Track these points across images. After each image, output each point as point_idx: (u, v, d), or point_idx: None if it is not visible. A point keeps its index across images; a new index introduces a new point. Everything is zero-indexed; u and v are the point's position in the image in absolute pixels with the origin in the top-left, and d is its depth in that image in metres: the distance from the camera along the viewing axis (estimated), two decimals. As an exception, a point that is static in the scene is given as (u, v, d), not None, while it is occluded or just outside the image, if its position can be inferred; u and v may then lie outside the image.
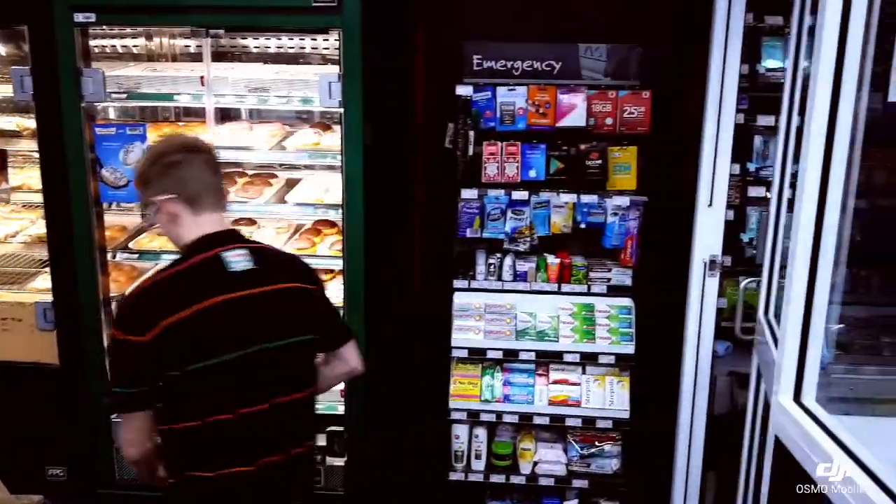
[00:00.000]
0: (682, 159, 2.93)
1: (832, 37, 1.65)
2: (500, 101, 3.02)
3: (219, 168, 1.85)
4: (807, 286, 1.77)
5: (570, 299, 3.10)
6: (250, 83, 2.66)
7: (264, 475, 1.74)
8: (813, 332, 1.78)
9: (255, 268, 1.73)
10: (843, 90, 1.67)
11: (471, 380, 3.14)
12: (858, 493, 1.39)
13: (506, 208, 3.08)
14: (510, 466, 3.16)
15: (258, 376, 1.72)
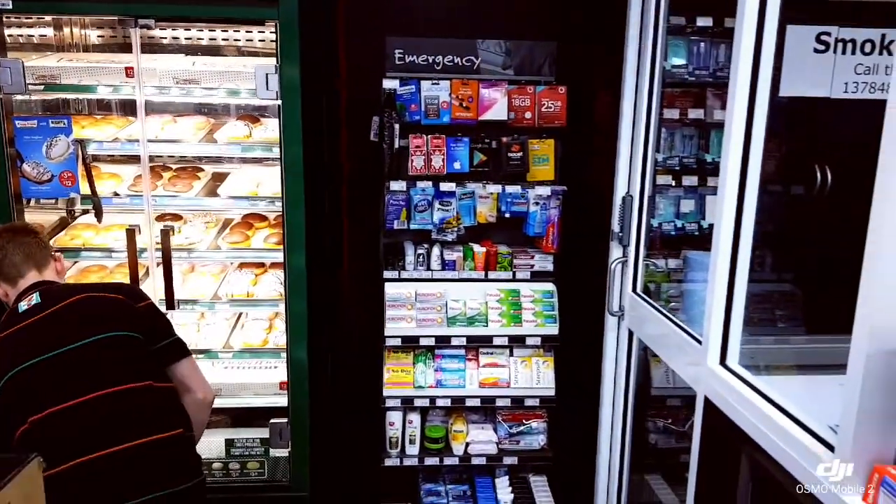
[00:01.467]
0: (596, 151, 3.12)
1: (749, 40, 1.86)
2: (424, 95, 3.09)
3: (25, 236, 2.19)
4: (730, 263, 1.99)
5: (496, 286, 3.24)
6: (180, 75, 2.57)
7: (95, 469, 1.86)
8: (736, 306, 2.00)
9: (39, 300, 2.06)
10: (759, 87, 1.90)
11: (403, 367, 3.21)
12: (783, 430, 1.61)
13: (433, 200, 3.16)
14: (443, 449, 3.26)
15: (81, 371, 1.95)
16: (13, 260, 2.13)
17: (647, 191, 2.80)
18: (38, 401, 1.89)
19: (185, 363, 2.16)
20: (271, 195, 2.71)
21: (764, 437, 1.70)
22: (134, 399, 1.95)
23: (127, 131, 2.78)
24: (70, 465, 1.83)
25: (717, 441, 1.99)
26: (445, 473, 3.41)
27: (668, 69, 2.91)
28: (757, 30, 1.89)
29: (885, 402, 1.33)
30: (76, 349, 1.95)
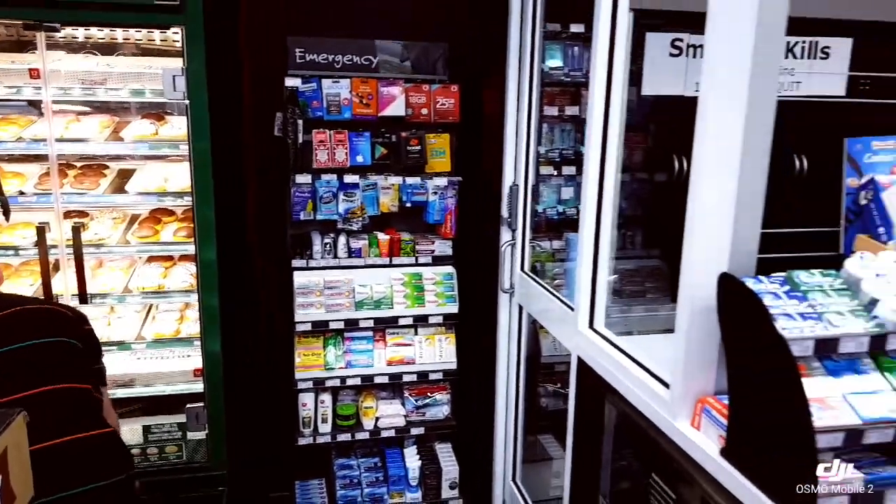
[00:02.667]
0: (486, 144, 3.41)
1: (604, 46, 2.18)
2: (325, 93, 3.29)
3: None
4: (594, 240, 2.32)
5: (400, 270, 3.48)
6: (86, 76, 2.65)
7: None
8: (600, 277, 2.33)
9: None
10: (614, 87, 2.22)
11: (314, 351, 3.41)
12: (635, 376, 1.95)
13: (337, 191, 3.37)
14: (355, 425, 3.48)
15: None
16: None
17: (531, 180, 3.12)
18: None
19: (104, 395, 2.12)
20: (179, 190, 2.83)
21: (621, 383, 2.04)
22: (57, 397, 1.91)
23: (31, 131, 2.82)
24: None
25: (587, 391, 2.32)
26: (357, 448, 3.64)
27: (547, 70, 3.24)
28: (610, 37, 2.20)
29: (701, 349, 1.66)
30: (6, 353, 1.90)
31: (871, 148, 1.77)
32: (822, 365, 1.45)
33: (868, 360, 1.47)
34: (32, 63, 2.60)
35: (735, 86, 1.52)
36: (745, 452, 1.48)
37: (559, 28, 3.23)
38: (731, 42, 1.52)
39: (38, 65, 2.55)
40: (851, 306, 1.48)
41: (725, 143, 1.55)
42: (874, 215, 1.68)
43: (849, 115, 3.22)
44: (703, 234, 1.62)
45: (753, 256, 1.62)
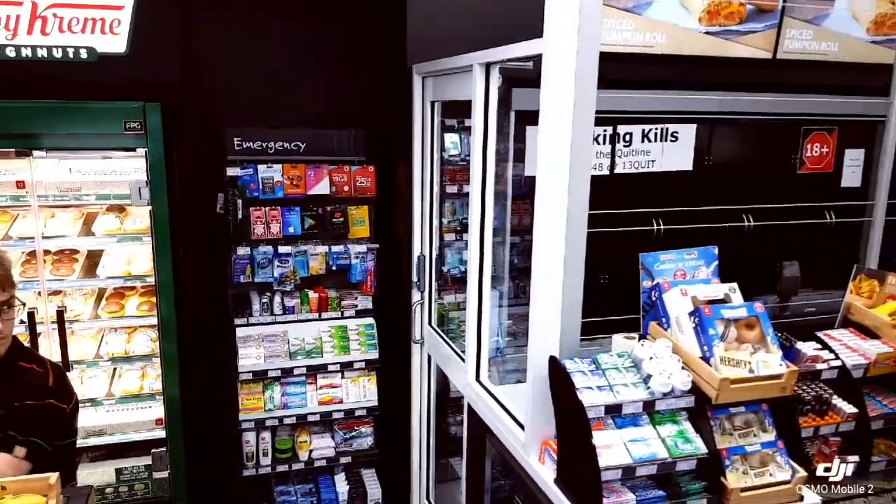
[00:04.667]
0: (399, 215, 4.05)
1: (480, 136, 2.84)
2: (261, 177, 3.86)
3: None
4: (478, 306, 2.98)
5: (328, 323, 4.07)
6: (64, 185, 3.16)
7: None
8: (483, 337, 3.00)
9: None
10: (487, 167, 2.87)
11: (255, 395, 3.96)
12: (504, 423, 2.61)
13: (272, 258, 3.93)
14: (291, 457, 4.05)
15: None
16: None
17: (436, 250, 3.77)
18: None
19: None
20: (142, 273, 3.36)
21: (495, 427, 2.70)
22: None
23: (16, 229, 3.32)
24: None
25: (473, 430, 2.98)
26: (294, 476, 4.19)
27: (447, 157, 3.90)
28: (483, 133, 2.85)
29: (543, 405, 2.33)
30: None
31: (659, 259, 2.49)
32: (613, 421, 2.15)
33: (646, 416, 2.17)
34: (18, 174, 3.10)
35: (558, 218, 2.19)
36: (566, 481, 2.17)
37: (456, 122, 3.90)
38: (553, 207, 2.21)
39: (25, 177, 3.04)
40: (635, 380, 2.19)
41: (553, 270, 2.23)
42: (660, 310, 2.40)
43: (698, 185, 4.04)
44: (540, 327, 2.30)
45: (577, 341, 2.32)
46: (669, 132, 4.09)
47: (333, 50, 4.01)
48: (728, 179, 4.15)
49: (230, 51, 3.85)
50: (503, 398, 2.79)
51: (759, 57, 3.94)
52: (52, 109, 2.96)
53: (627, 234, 3.78)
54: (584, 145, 2.18)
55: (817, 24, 3.98)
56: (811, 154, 4.42)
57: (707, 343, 2.19)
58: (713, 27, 3.83)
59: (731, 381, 2.10)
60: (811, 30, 3.98)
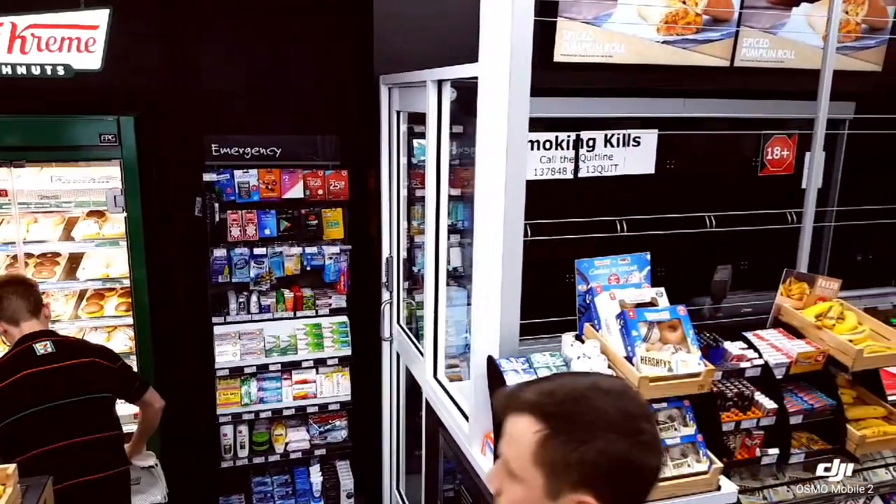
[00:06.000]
0: (370, 217, 4.22)
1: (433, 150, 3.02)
2: (237, 181, 4.03)
3: (25, 288, 2.82)
4: (434, 306, 3.15)
5: (303, 321, 4.25)
6: (44, 192, 3.37)
7: (73, 494, 2.63)
8: (440, 336, 3.17)
9: (53, 349, 2.74)
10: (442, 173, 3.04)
11: (232, 390, 4.14)
12: (453, 417, 2.79)
13: (249, 259, 4.11)
14: (268, 449, 4.23)
15: (59, 422, 2.67)
16: (17, 305, 2.71)
17: (403, 252, 3.94)
18: (34, 439, 2.60)
19: (148, 393, 3.01)
20: (119, 276, 3.56)
21: (447, 421, 2.88)
22: (105, 442, 2.74)
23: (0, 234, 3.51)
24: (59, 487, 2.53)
25: (429, 424, 3.16)
26: (271, 468, 4.38)
27: (416, 162, 4.07)
28: (437, 141, 3.01)
29: (484, 400, 2.51)
30: (76, 403, 2.68)
31: (594, 265, 2.66)
32: (542, 415, 2.32)
33: (573, 410, 2.35)
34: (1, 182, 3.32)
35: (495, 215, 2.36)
36: (499, 472, 2.35)
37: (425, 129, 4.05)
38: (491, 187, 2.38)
39: (7, 186, 3.25)
40: (564, 376, 2.36)
41: (491, 273, 2.40)
42: (593, 312, 2.57)
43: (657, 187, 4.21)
44: (480, 327, 2.47)
45: (515, 341, 2.49)
46: (632, 137, 4.26)
47: (307, 60, 4.18)
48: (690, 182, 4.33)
49: (208, 62, 4.03)
50: (455, 394, 2.97)
51: (717, 65, 4.09)
52: (31, 124, 3.15)
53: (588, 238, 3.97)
54: (518, 157, 2.34)
55: (773, 34, 4.12)
56: (772, 157, 4.58)
57: (630, 344, 2.36)
58: (671, 37, 3.99)
59: (651, 379, 2.27)
60: (768, 38, 4.12)
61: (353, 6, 3.99)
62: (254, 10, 4.02)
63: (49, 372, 2.69)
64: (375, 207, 4.11)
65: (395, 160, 3.84)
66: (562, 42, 3.86)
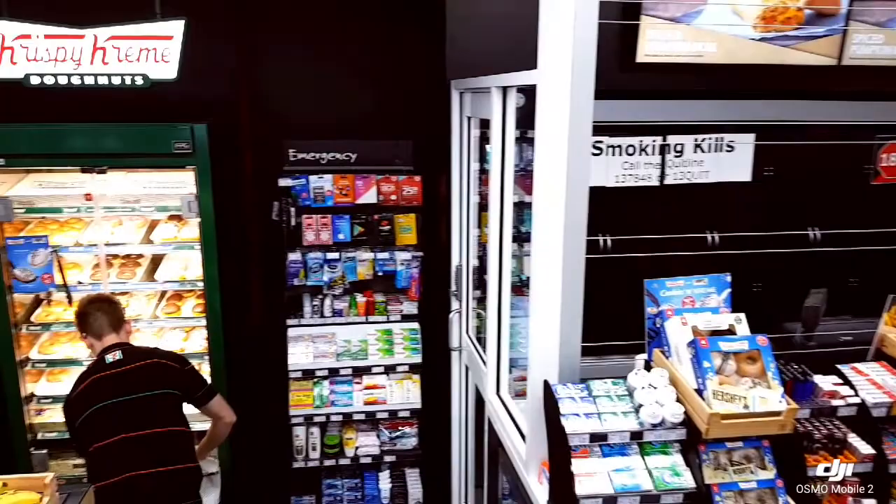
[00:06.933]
0: (443, 224, 4.14)
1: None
2: (312, 186, 4.06)
3: (109, 306, 3.06)
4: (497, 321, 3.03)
5: (375, 326, 4.24)
6: (125, 198, 3.54)
7: (141, 484, 2.74)
8: (503, 355, 3.05)
9: (121, 357, 2.93)
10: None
11: (305, 392, 4.19)
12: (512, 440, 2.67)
13: (323, 263, 4.14)
14: (338, 452, 4.26)
15: (124, 416, 2.81)
16: (100, 321, 2.99)
17: (475, 260, 3.84)
18: (112, 428, 2.77)
19: (214, 401, 3.11)
20: (195, 278, 3.68)
21: (506, 442, 2.76)
22: (166, 437, 2.85)
23: (86, 236, 3.69)
24: (117, 479, 2.71)
25: (493, 441, 3.05)
26: (341, 471, 4.41)
27: (487, 167, 3.95)
28: (501, 150, 2.89)
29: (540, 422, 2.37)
30: (137, 399, 2.83)
31: (665, 286, 2.46)
32: (600, 449, 2.16)
33: (635, 446, 2.17)
34: (84, 187, 3.50)
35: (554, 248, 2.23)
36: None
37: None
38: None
39: (91, 190, 3.43)
40: (626, 409, 2.19)
41: (549, 311, 2.25)
42: (663, 337, 2.37)
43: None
44: (538, 349, 2.34)
45: (576, 365, 2.34)
46: (725, 142, 3.96)
47: (380, 65, 4.15)
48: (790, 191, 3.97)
49: (282, 69, 4.08)
50: (517, 414, 2.84)
51: (822, 64, 3.71)
52: (110, 131, 3.30)
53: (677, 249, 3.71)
54: (580, 168, 2.20)
55: (890, 28, 3.69)
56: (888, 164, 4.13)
57: (702, 375, 2.15)
58: (768, 34, 3.65)
59: (722, 416, 2.06)
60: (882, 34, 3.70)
61: (426, 10, 3.92)
62: (327, 16, 4.03)
63: (115, 374, 2.88)
64: (447, 214, 4.04)
65: (466, 166, 3.74)
66: (645, 42, 3.61)
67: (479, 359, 3.55)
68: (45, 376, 3.87)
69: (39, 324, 3.70)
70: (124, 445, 2.79)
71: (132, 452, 2.79)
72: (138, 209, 3.62)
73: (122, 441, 2.79)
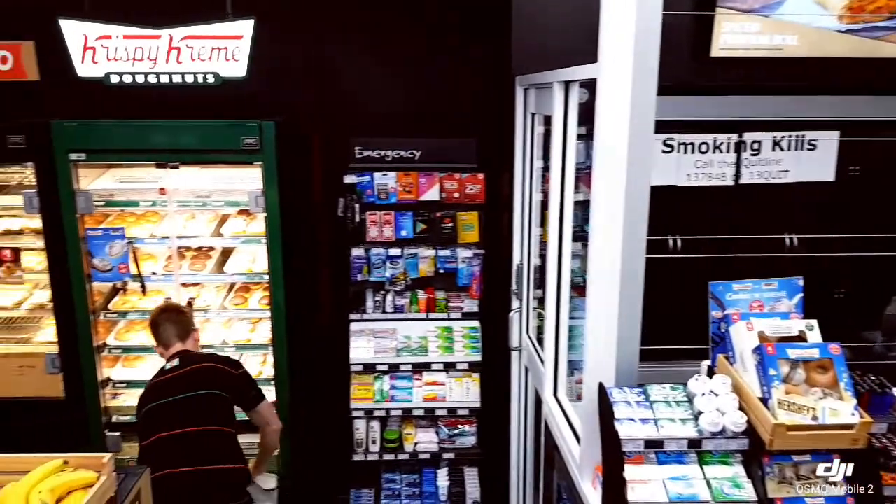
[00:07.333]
0: (505, 222, 4.10)
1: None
2: (376, 183, 4.10)
3: (177, 316, 3.23)
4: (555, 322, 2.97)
5: (435, 323, 4.25)
6: (197, 192, 3.70)
7: (189, 480, 2.84)
8: (560, 357, 2.99)
9: (178, 363, 3.09)
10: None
11: (366, 386, 4.23)
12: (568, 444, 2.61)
13: (385, 259, 4.18)
14: (398, 447, 4.28)
15: (176, 413, 2.94)
16: (168, 332, 3.18)
17: (536, 259, 3.78)
18: (159, 425, 2.92)
19: (263, 405, 3.21)
20: (261, 271, 3.81)
21: (560, 444, 2.71)
22: (211, 436, 2.95)
23: (161, 229, 3.87)
24: (163, 473, 2.81)
25: (549, 444, 2.99)
26: (401, 465, 4.44)
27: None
28: (562, 146, 2.83)
29: (594, 425, 2.31)
30: (187, 398, 2.97)
31: (731, 289, 2.34)
32: (655, 456, 2.08)
33: (693, 455, 2.08)
34: (159, 181, 3.68)
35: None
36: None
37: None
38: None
39: (165, 185, 3.61)
40: (685, 415, 2.11)
41: (608, 296, 2.19)
42: (728, 343, 2.26)
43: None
44: (594, 350, 2.28)
45: (634, 368, 2.27)
46: (807, 140, 3.76)
47: (445, 62, 4.14)
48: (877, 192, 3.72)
49: (348, 67, 4.12)
50: (574, 417, 2.78)
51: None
52: (181, 128, 3.44)
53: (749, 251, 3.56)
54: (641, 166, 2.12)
55: None
56: None
57: (767, 384, 2.05)
58: (856, 25, 3.44)
59: (788, 427, 1.96)
60: None
61: (492, 5, 3.88)
62: (393, 16, 4.05)
63: (171, 378, 3.05)
64: (509, 211, 3.99)
65: (529, 163, 3.69)
66: (720, 35, 3.47)
67: (537, 359, 3.49)
68: (121, 362, 4.07)
69: (116, 312, 3.90)
70: (172, 441, 2.90)
71: (179, 448, 2.90)
72: (209, 203, 3.78)
73: (169, 437, 2.91)
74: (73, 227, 3.58)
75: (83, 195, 3.53)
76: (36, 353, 3.83)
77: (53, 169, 3.41)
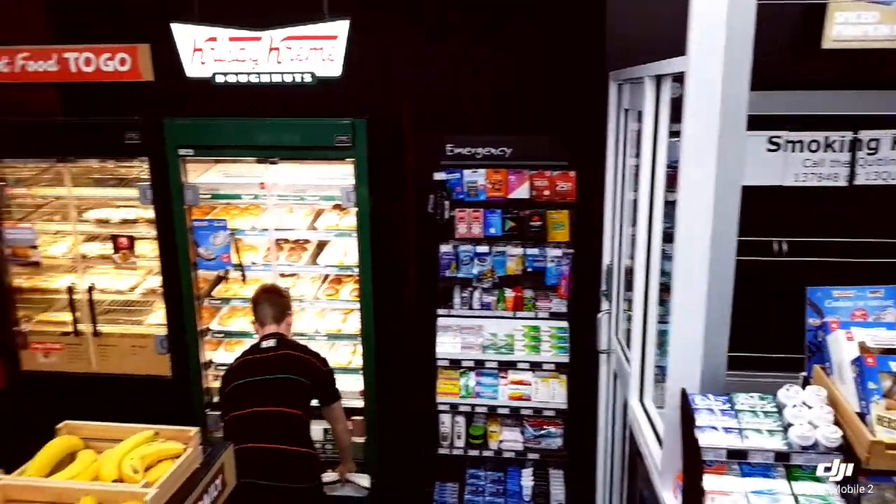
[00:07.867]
0: (595, 222, 4.01)
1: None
2: (466, 181, 4.13)
3: (277, 298, 3.41)
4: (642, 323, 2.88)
5: (522, 322, 4.23)
6: (294, 187, 3.89)
7: (258, 456, 2.98)
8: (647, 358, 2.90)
9: (274, 345, 3.27)
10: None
11: (452, 381, 4.28)
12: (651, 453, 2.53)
13: (473, 256, 4.20)
14: (482, 444, 4.30)
15: (264, 392, 3.12)
16: (266, 311, 3.36)
17: (626, 261, 3.68)
18: (240, 403, 3.13)
19: (337, 404, 3.39)
20: (353, 264, 3.95)
21: (643, 450, 2.63)
22: (286, 418, 3.12)
23: (261, 221, 4.09)
24: (242, 447, 2.93)
25: (633, 448, 2.91)
26: (486, 462, 4.45)
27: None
28: (653, 144, 2.74)
29: (675, 432, 2.23)
30: (272, 379, 3.16)
31: (831, 295, 2.18)
32: (739, 468, 1.98)
33: (781, 469, 1.97)
34: (260, 177, 3.89)
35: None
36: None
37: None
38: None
39: (265, 180, 3.82)
40: (773, 426, 1.99)
41: (692, 317, 2.11)
42: (825, 352, 2.11)
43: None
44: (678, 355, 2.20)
45: (721, 375, 2.18)
46: (932, 139, 3.46)
47: (538, 58, 4.11)
48: None
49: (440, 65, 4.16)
50: (658, 423, 2.69)
51: None
52: (279, 125, 3.61)
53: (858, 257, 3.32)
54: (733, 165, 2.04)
55: None
56: None
57: (866, 398, 1.91)
58: None
59: (887, 444, 1.81)
60: None
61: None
62: (484, 13, 4.06)
63: (263, 358, 3.23)
64: (601, 210, 3.91)
65: (621, 161, 3.60)
66: (833, 25, 3.25)
67: (626, 363, 3.40)
68: (223, 346, 4.33)
69: (219, 298, 4.16)
70: (252, 418, 3.07)
71: (253, 425, 3.07)
72: (305, 198, 3.95)
73: (251, 414, 3.08)
74: (181, 218, 3.86)
75: (191, 188, 3.79)
76: (147, 334, 4.16)
77: (165, 164, 3.69)
